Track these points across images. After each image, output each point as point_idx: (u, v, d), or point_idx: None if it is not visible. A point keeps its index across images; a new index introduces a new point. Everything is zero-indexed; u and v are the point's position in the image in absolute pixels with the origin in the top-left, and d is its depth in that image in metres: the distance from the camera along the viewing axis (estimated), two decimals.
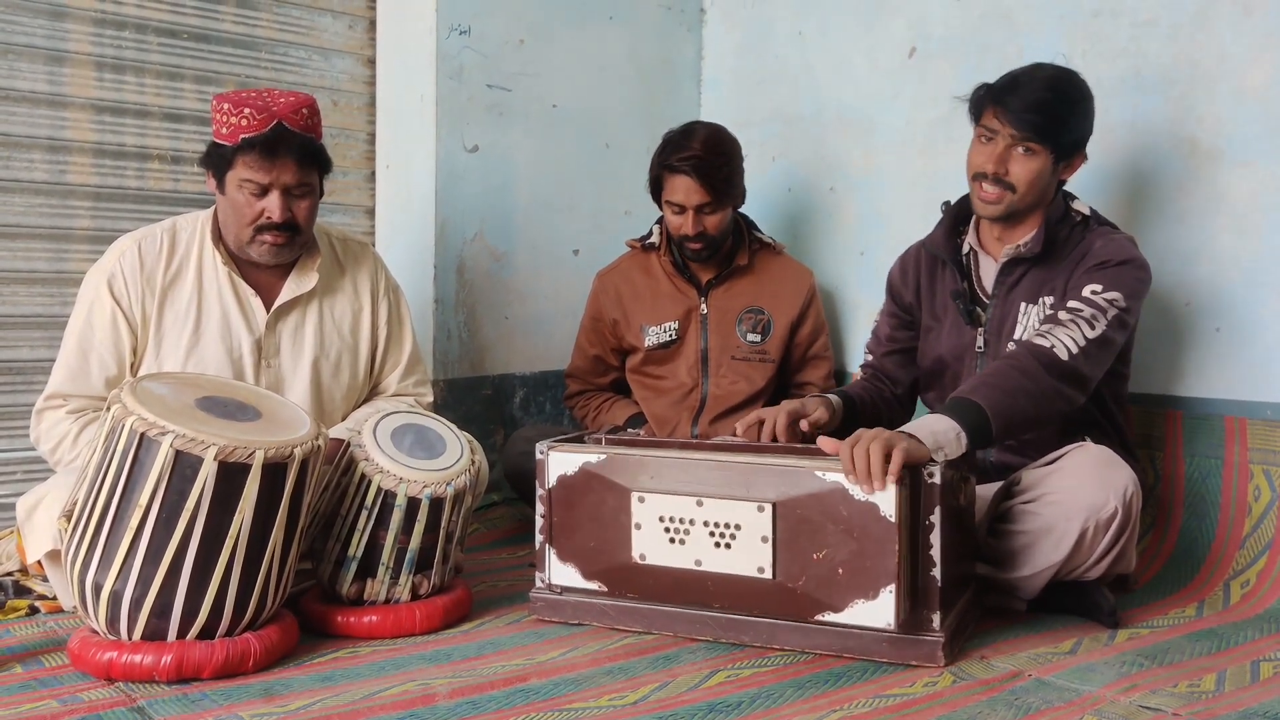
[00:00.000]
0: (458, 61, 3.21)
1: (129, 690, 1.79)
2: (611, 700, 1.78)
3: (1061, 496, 2.12)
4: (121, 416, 1.85)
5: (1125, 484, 2.10)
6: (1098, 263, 2.27)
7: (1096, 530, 2.09)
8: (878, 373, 2.63)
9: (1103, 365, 2.22)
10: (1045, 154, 2.29)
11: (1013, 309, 2.37)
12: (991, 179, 2.31)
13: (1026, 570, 2.16)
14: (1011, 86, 2.29)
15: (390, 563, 2.11)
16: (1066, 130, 2.29)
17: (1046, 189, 2.34)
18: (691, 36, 3.74)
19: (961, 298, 2.43)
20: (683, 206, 2.84)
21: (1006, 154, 2.29)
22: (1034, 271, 2.37)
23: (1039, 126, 2.26)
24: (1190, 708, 1.75)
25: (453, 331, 3.26)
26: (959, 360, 2.45)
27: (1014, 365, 2.12)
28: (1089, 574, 2.15)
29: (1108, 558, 2.12)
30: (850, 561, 1.91)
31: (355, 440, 2.16)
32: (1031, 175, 2.29)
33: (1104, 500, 2.08)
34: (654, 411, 3.01)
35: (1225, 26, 2.53)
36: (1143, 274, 2.29)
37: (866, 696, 1.80)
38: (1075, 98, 2.30)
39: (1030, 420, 2.13)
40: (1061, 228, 2.36)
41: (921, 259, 2.56)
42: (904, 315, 2.60)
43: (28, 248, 2.83)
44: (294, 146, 2.27)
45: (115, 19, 2.92)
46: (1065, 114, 2.28)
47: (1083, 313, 2.19)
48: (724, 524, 2.00)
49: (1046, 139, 2.27)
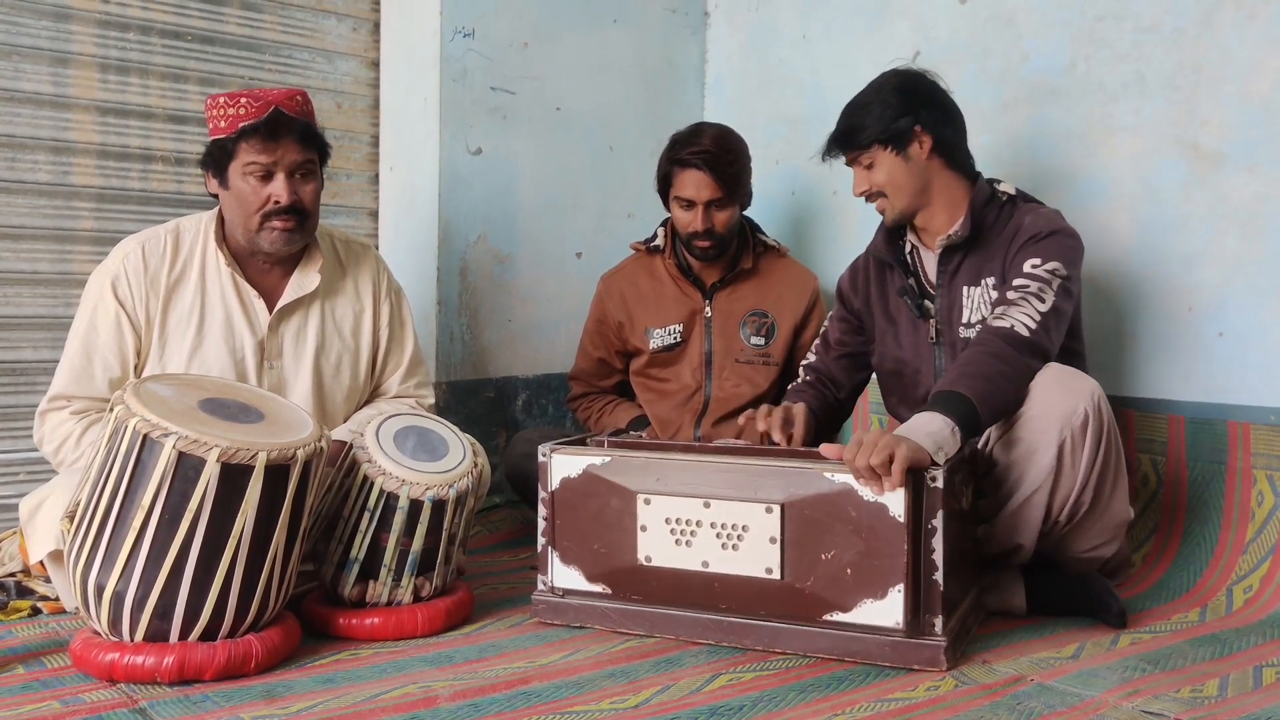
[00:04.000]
0: (462, 64, 3.22)
1: (131, 691, 1.79)
2: (613, 703, 1.78)
3: (1034, 412, 2.13)
4: (124, 418, 1.85)
5: (1091, 389, 2.13)
6: (1029, 236, 2.31)
7: (1074, 440, 2.10)
8: (821, 377, 2.69)
9: (1060, 335, 2.26)
10: (881, 154, 2.40)
11: (957, 295, 2.41)
12: (867, 198, 2.46)
13: (1016, 500, 2.16)
14: (838, 124, 2.47)
15: (392, 565, 2.11)
16: (875, 125, 2.38)
17: (918, 175, 2.40)
18: (695, 39, 3.74)
19: (909, 293, 2.48)
20: (692, 201, 2.84)
21: (859, 177, 2.46)
22: (971, 256, 2.41)
23: (855, 143, 2.41)
24: (1193, 713, 1.74)
25: (455, 334, 3.26)
26: (917, 355, 2.49)
27: (985, 351, 2.15)
28: (1082, 510, 2.15)
29: (1092, 479, 2.12)
30: (858, 561, 1.92)
31: (358, 442, 2.16)
32: (885, 178, 2.41)
33: (1074, 407, 2.10)
34: (657, 414, 3.01)
35: (1229, 31, 2.53)
36: (1075, 242, 2.33)
37: (868, 700, 1.80)
38: (876, 92, 2.43)
39: (1011, 402, 2.15)
40: (989, 210, 2.40)
41: (870, 265, 2.62)
42: (853, 320, 2.65)
43: (31, 249, 2.83)
44: (294, 128, 2.30)
45: (119, 21, 2.93)
46: (867, 114, 2.40)
47: (1029, 288, 2.23)
48: (732, 525, 2.01)
49: (867, 145, 2.40)
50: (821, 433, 2.58)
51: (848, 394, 2.70)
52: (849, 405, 2.73)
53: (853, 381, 2.69)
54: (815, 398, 2.62)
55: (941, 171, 2.41)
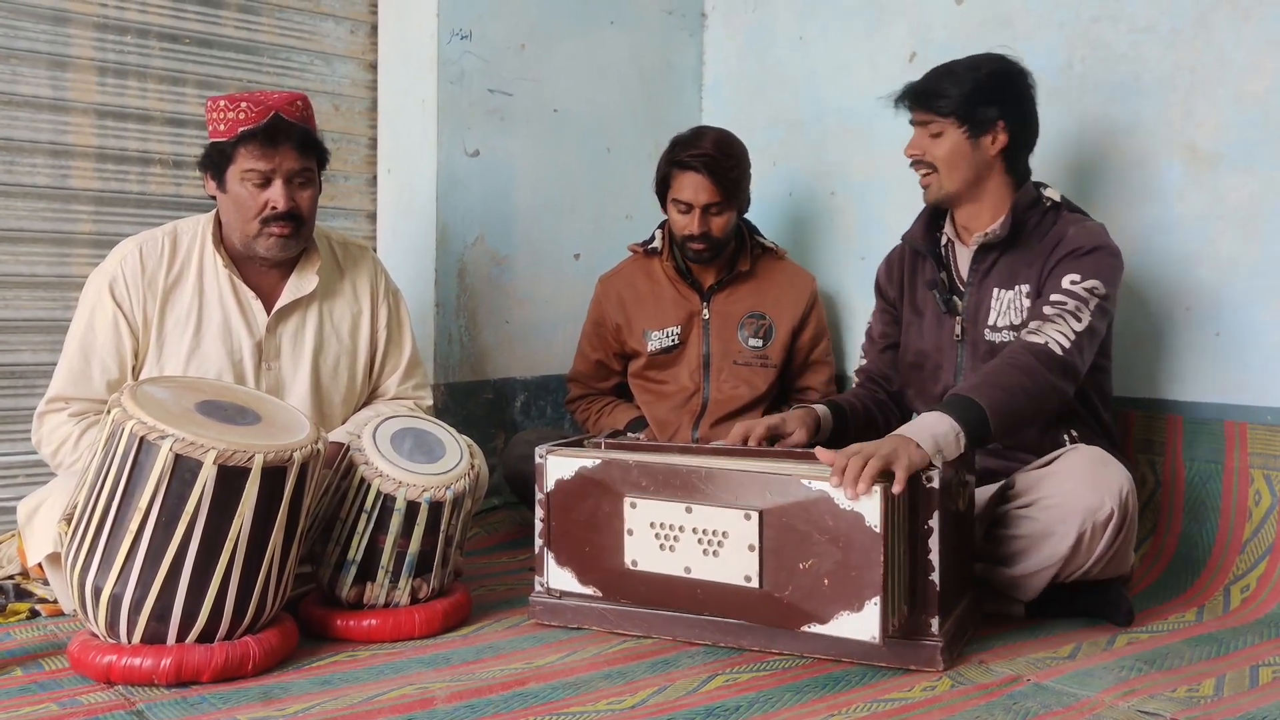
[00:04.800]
0: (459, 66, 3.22)
1: (128, 693, 1.80)
2: (610, 704, 1.78)
3: (1057, 500, 2.11)
4: (121, 420, 1.85)
5: (1120, 484, 2.10)
6: (1070, 250, 2.29)
7: (1094, 532, 2.09)
8: (872, 375, 2.65)
9: (1091, 355, 2.24)
10: (953, 130, 2.35)
11: (987, 296, 2.39)
12: (915, 164, 2.41)
13: (1023, 569, 2.16)
14: (924, 77, 2.40)
15: (389, 566, 2.12)
16: (965, 102, 2.33)
17: (977, 165, 2.37)
18: (693, 41, 3.74)
19: (938, 286, 2.46)
20: (690, 205, 2.84)
21: (920, 139, 2.39)
22: (1006, 257, 2.39)
23: (934, 105, 2.35)
24: (1189, 713, 1.75)
25: (454, 336, 3.26)
26: (939, 351, 2.47)
27: (1012, 363, 2.13)
28: (1089, 575, 2.15)
29: (1105, 558, 2.12)
30: (836, 572, 1.86)
31: (355, 444, 2.16)
32: (944, 153, 2.36)
33: (1099, 502, 2.08)
34: (655, 416, 3.01)
35: (1224, 32, 2.53)
36: (1116, 261, 2.32)
37: (864, 701, 1.80)
38: (981, 72, 2.36)
39: (1027, 418, 2.14)
40: (1031, 214, 2.38)
41: (905, 255, 2.60)
42: (893, 311, 2.63)
43: (30, 252, 2.84)
44: (293, 134, 2.30)
45: (117, 24, 2.93)
46: (962, 87, 2.34)
47: (1066, 305, 2.21)
48: (712, 531, 1.97)
49: (945, 114, 2.34)
50: (870, 428, 2.52)
51: (901, 386, 2.62)
52: (904, 398, 2.64)
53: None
54: (859, 395, 2.58)
55: (999, 172, 2.39)
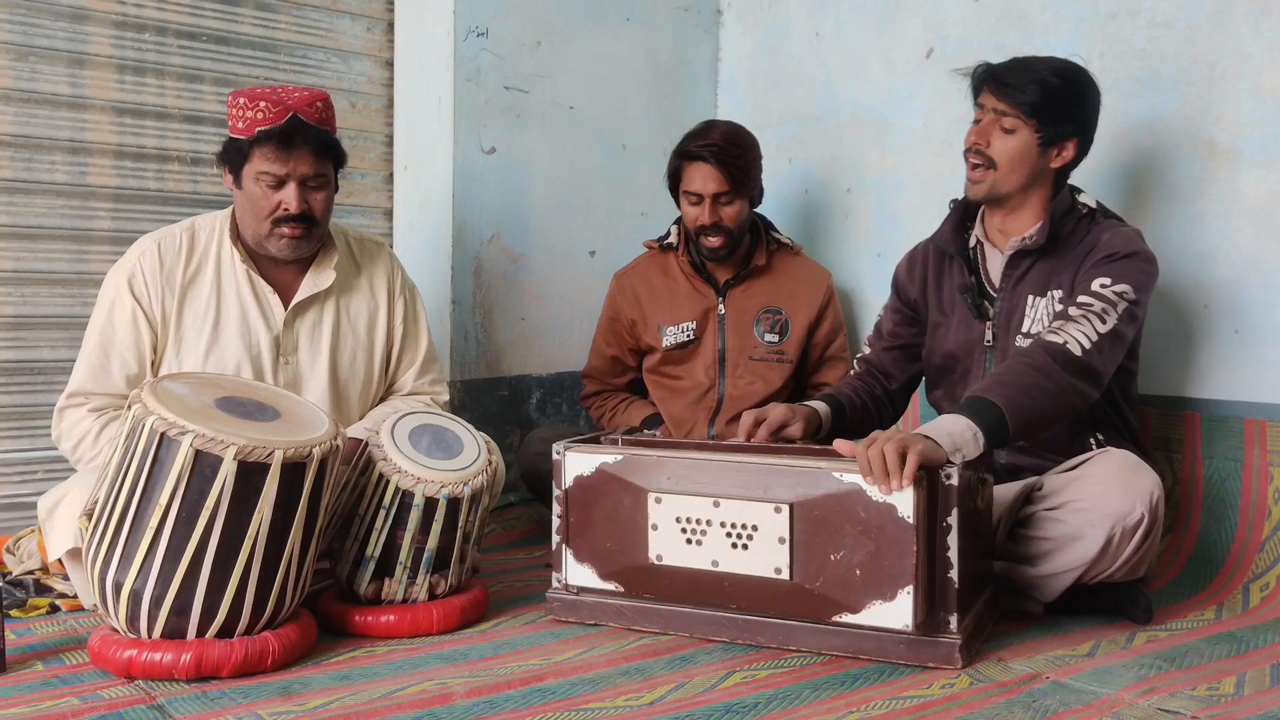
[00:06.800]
0: (475, 63, 3.22)
1: (149, 688, 1.81)
2: (628, 700, 1.78)
3: (1087, 504, 2.10)
4: (142, 416, 1.86)
5: (1151, 489, 2.09)
6: (1105, 255, 2.26)
7: (1123, 537, 2.07)
8: (872, 368, 2.63)
9: (1115, 359, 2.22)
10: (1027, 132, 2.29)
11: (1020, 302, 2.37)
12: (974, 153, 2.34)
13: (1048, 570, 2.15)
14: (1008, 66, 2.33)
15: (408, 562, 2.12)
16: (1051, 110, 2.28)
17: (1035, 173, 2.33)
18: (708, 38, 3.74)
19: (969, 291, 2.43)
20: (700, 195, 2.84)
21: (989, 129, 2.33)
22: (1041, 263, 2.36)
23: (1019, 101, 2.28)
24: (1209, 711, 1.74)
25: (470, 332, 3.26)
26: (969, 355, 2.44)
27: (1029, 363, 2.11)
28: (1112, 578, 2.14)
29: (1131, 563, 2.11)
30: (868, 562, 1.91)
31: (373, 440, 2.17)
32: (1011, 152, 2.30)
33: (1130, 507, 2.06)
34: (671, 412, 3.01)
35: (1243, 27, 2.52)
36: (1150, 267, 2.28)
37: (883, 698, 1.80)
38: (1069, 82, 2.30)
39: (1047, 418, 2.12)
40: (1068, 220, 2.35)
41: (930, 255, 2.57)
42: (907, 311, 2.60)
43: (49, 249, 2.85)
44: (309, 138, 2.29)
45: (136, 22, 2.94)
46: (1051, 93, 2.28)
47: (1093, 307, 2.19)
48: (741, 525, 2.00)
49: (1027, 114, 2.28)
50: (866, 425, 2.52)
51: (900, 386, 2.63)
52: (902, 398, 2.65)
53: (905, 374, 2.62)
54: (857, 388, 2.57)
55: (1049, 184, 2.36)
